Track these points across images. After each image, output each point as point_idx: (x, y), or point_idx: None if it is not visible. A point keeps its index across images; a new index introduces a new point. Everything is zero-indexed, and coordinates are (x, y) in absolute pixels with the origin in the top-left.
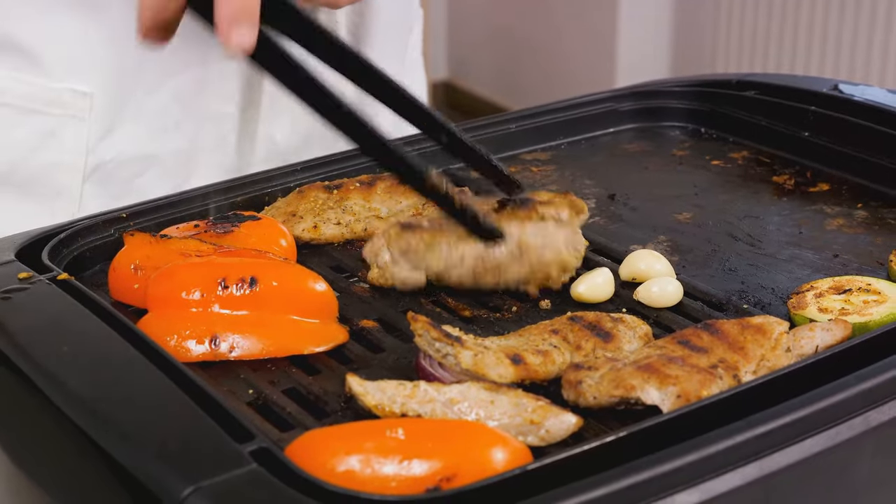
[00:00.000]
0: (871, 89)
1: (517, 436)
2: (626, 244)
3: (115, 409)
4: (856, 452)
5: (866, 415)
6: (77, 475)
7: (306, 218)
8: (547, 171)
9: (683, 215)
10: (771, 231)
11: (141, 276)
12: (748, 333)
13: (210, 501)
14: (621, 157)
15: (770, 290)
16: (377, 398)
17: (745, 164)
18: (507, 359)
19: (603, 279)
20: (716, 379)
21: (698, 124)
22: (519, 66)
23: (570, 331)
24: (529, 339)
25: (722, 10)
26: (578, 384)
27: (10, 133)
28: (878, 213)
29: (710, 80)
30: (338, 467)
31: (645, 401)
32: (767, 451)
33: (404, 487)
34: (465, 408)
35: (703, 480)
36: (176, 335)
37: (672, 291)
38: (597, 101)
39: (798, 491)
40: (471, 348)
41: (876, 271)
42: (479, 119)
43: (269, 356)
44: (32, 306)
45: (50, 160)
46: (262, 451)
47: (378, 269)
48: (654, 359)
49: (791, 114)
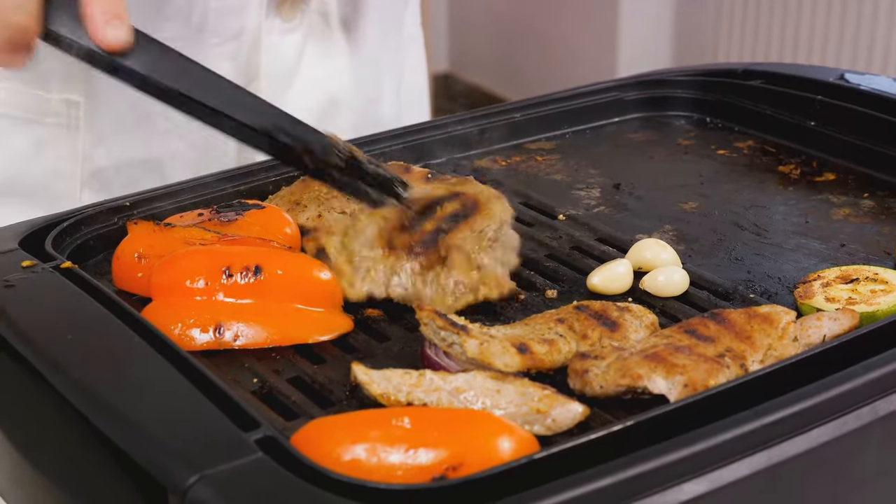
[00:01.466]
0: (877, 78)
1: (523, 425)
2: (632, 234)
3: (119, 398)
4: (863, 442)
5: (874, 404)
6: (81, 464)
7: (310, 207)
8: (551, 161)
9: (689, 205)
10: (777, 220)
11: (145, 264)
12: (755, 323)
13: (215, 490)
14: (626, 147)
15: (777, 279)
16: (383, 387)
17: (750, 154)
18: (512, 348)
19: (624, 269)
20: (723, 368)
21: (704, 114)
22: (521, 58)
23: (576, 320)
24: (535, 328)
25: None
26: (585, 373)
27: (9, 142)
28: (885, 202)
29: (715, 70)
30: (343, 456)
31: (652, 390)
32: (775, 440)
33: (410, 476)
34: (471, 397)
35: (710, 470)
36: (180, 324)
37: (678, 281)
38: (602, 91)
39: (805, 480)
40: (476, 337)
41: (883, 261)
42: (483, 108)
43: (274, 345)
44: (36, 295)
45: (48, 168)
46: (267, 439)
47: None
48: (661, 348)
49: (797, 103)
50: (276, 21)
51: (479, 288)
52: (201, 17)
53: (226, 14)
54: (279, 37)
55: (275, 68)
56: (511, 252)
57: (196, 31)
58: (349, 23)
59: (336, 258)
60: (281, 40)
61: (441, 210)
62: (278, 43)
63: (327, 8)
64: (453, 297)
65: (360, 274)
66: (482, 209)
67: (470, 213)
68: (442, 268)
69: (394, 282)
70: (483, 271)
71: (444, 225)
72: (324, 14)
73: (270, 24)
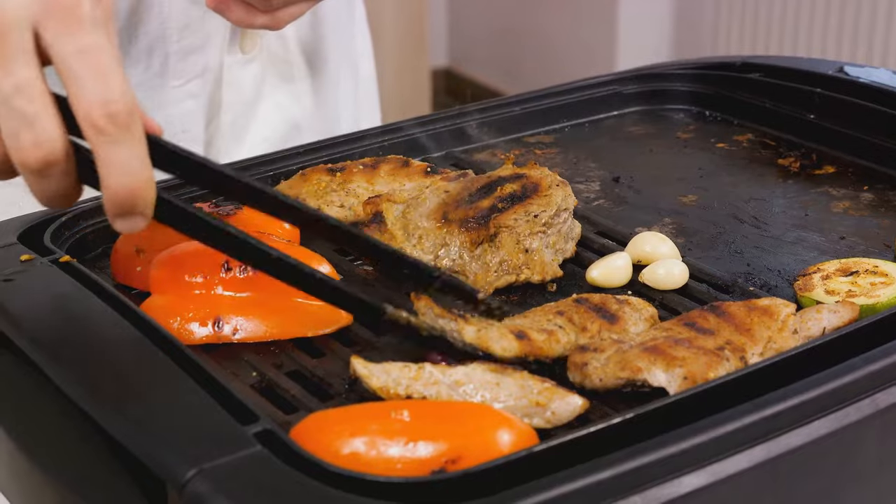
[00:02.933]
0: (877, 71)
1: (523, 418)
2: (631, 227)
3: (118, 392)
4: (863, 435)
5: (874, 397)
6: (80, 457)
7: (309, 200)
8: (551, 154)
9: (688, 198)
10: (776, 213)
11: (143, 258)
12: (755, 315)
13: (214, 483)
14: (625, 140)
15: (776, 272)
16: (382, 380)
17: (749, 147)
18: (510, 333)
19: (623, 262)
20: (722, 361)
21: (703, 107)
22: (521, 52)
23: (576, 312)
24: (535, 319)
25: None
26: (584, 366)
27: None
28: (885, 195)
29: (714, 63)
30: (342, 449)
31: (651, 383)
32: (774, 433)
33: (409, 469)
34: (470, 390)
35: (709, 462)
36: (179, 318)
37: (678, 274)
38: (601, 84)
39: (805, 473)
40: (474, 324)
41: (883, 253)
42: (482, 102)
43: (273, 339)
44: (34, 289)
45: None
46: (266, 433)
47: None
48: (661, 341)
49: (796, 96)
50: (237, 55)
51: (522, 270)
52: (162, 61)
53: (187, 55)
54: (239, 69)
55: (237, 101)
56: (568, 240)
57: (157, 75)
58: (307, 45)
59: (392, 224)
60: (241, 72)
61: (500, 190)
62: (239, 75)
63: (285, 33)
64: (496, 275)
65: (412, 242)
66: (541, 193)
67: (528, 196)
68: (490, 245)
69: (441, 253)
70: (530, 254)
71: (499, 204)
72: (282, 38)
73: (231, 58)
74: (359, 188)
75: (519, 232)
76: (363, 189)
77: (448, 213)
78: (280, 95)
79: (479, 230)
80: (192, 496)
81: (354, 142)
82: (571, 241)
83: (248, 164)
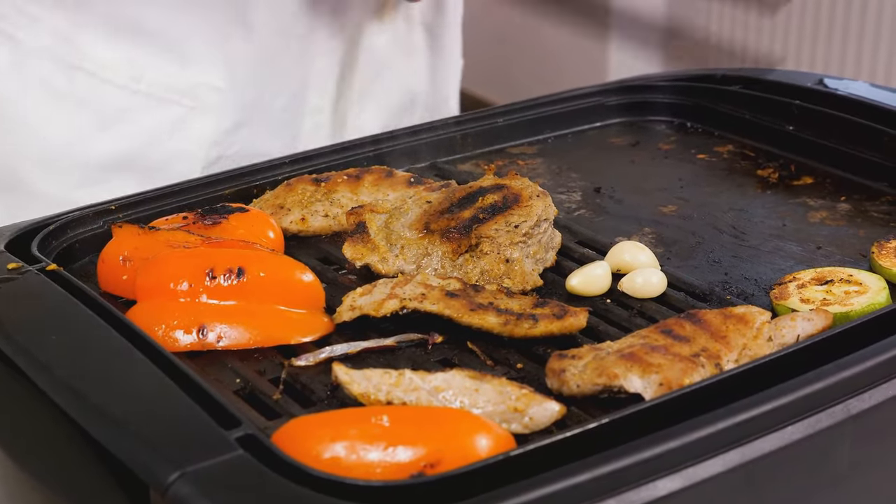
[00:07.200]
0: (854, 83)
1: (501, 423)
2: (612, 236)
3: (103, 397)
4: (836, 440)
5: (846, 402)
6: (65, 461)
7: (294, 210)
8: (533, 165)
9: (669, 208)
10: (755, 223)
11: (129, 267)
12: (730, 323)
13: (196, 486)
14: (607, 151)
15: (753, 281)
16: (363, 386)
17: (730, 158)
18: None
19: (602, 271)
20: (698, 367)
21: (684, 118)
22: (510, 64)
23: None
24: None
25: (714, 7)
26: (562, 372)
27: (141, 119)
28: (861, 205)
29: (695, 75)
30: (323, 454)
31: (628, 389)
32: (749, 437)
33: (389, 473)
34: (449, 396)
35: (685, 467)
36: (164, 325)
37: (656, 282)
38: (584, 96)
39: (779, 477)
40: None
41: (858, 263)
42: (466, 113)
43: (257, 346)
44: (21, 296)
45: (174, 149)
46: (248, 437)
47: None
48: (637, 347)
49: (775, 108)
50: (374, 24)
51: (503, 280)
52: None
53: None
54: (375, 36)
55: (369, 64)
56: (548, 250)
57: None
58: (431, 27)
59: (375, 234)
60: (376, 39)
61: (482, 200)
62: (374, 42)
63: (411, 12)
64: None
65: (394, 252)
66: (522, 204)
67: (508, 207)
68: (471, 255)
69: (424, 262)
70: (511, 264)
71: (481, 214)
72: (409, 21)
73: (370, 25)
74: (343, 198)
75: (500, 242)
76: (347, 199)
77: (430, 224)
78: (402, 68)
79: (460, 240)
80: (174, 499)
81: (338, 152)
82: (552, 251)
83: (232, 174)
